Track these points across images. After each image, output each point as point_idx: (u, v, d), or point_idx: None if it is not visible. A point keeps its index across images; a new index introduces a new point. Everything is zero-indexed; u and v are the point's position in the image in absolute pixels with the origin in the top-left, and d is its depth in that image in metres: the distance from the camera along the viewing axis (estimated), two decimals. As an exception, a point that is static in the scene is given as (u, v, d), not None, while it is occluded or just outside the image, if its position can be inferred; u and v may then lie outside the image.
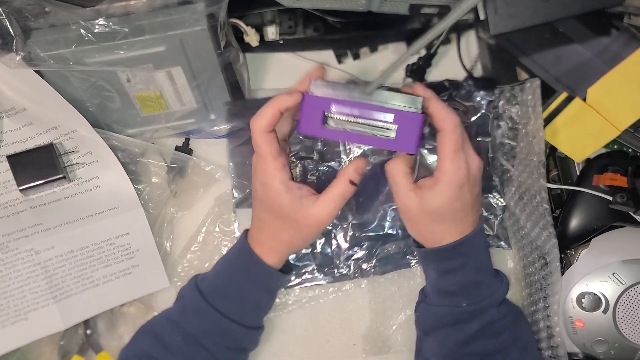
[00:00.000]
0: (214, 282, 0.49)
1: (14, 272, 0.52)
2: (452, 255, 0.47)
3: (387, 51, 0.61)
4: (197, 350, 0.46)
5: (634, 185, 0.51)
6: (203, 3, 0.47)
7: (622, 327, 0.48)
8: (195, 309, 0.47)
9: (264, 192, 0.46)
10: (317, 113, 0.44)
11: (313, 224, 0.46)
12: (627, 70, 0.49)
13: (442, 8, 0.47)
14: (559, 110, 0.52)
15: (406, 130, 0.43)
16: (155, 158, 0.57)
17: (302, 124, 0.45)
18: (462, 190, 0.44)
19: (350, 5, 0.47)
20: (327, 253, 0.56)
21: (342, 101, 0.44)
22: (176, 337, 0.47)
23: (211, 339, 0.47)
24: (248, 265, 0.48)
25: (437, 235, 0.47)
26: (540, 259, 0.50)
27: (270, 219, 0.47)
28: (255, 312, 0.50)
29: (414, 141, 0.43)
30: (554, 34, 0.50)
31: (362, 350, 0.56)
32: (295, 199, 0.45)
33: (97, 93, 0.52)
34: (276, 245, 0.48)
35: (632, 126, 0.51)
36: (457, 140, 0.44)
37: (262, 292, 0.49)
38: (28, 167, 0.52)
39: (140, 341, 0.48)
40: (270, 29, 0.57)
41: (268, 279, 0.49)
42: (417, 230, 0.48)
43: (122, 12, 0.47)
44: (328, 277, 0.56)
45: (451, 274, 0.47)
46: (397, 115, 0.43)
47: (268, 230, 0.47)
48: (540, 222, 0.50)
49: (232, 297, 0.48)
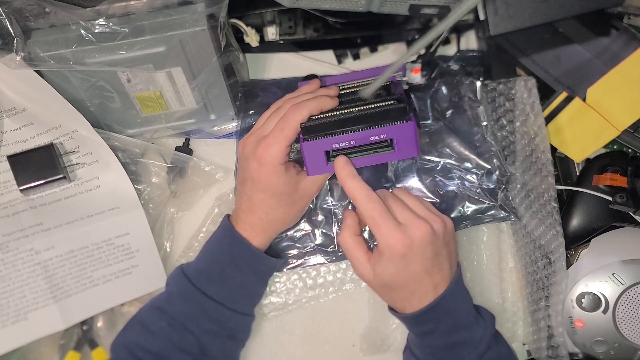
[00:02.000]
0: (199, 265, 0.49)
1: (14, 272, 0.52)
2: (418, 322, 0.46)
3: (387, 51, 0.61)
4: (182, 334, 0.46)
5: (633, 186, 0.51)
6: (203, 3, 0.47)
7: (622, 327, 0.48)
8: (180, 292, 0.48)
9: (261, 172, 0.46)
10: (319, 154, 0.46)
11: (304, 198, 0.49)
12: (627, 71, 0.49)
13: (442, 8, 0.47)
14: (558, 111, 0.52)
15: (403, 139, 0.45)
16: (156, 158, 0.57)
17: (310, 168, 0.47)
18: (405, 260, 0.43)
19: (350, 6, 0.48)
20: (328, 233, 0.56)
21: (338, 137, 0.45)
22: (162, 323, 0.47)
23: (196, 322, 0.47)
24: (232, 248, 0.48)
25: (398, 304, 0.46)
26: (543, 258, 0.50)
27: (264, 198, 0.47)
28: (242, 295, 0.49)
29: (414, 146, 0.46)
30: (553, 35, 0.50)
31: (361, 349, 0.56)
32: (292, 176, 0.47)
33: (98, 93, 0.52)
34: (268, 224, 0.48)
35: (632, 126, 0.51)
36: (373, 215, 0.43)
37: (248, 275, 0.49)
38: (28, 167, 0.52)
39: (128, 331, 0.48)
40: (270, 30, 0.57)
41: (254, 261, 0.49)
42: (382, 297, 0.48)
43: (122, 13, 0.47)
44: (329, 257, 0.56)
45: (425, 336, 0.46)
46: (390, 130, 0.45)
47: (260, 211, 0.48)
48: (548, 221, 0.50)
49: (216, 278, 0.48)
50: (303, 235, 0.56)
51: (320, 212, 0.56)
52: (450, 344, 0.45)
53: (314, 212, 0.56)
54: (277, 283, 0.57)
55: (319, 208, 0.56)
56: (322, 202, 0.56)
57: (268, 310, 0.56)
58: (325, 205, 0.56)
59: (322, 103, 0.46)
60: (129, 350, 0.46)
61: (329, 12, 0.53)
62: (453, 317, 0.45)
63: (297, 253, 0.56)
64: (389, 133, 0.45)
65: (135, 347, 0.46)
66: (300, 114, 0.46)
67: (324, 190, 0.56)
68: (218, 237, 0.50)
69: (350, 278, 0.57)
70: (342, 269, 0.57)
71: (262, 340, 0.56)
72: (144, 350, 0.46)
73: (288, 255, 0.56)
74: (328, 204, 0.56)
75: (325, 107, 0.47)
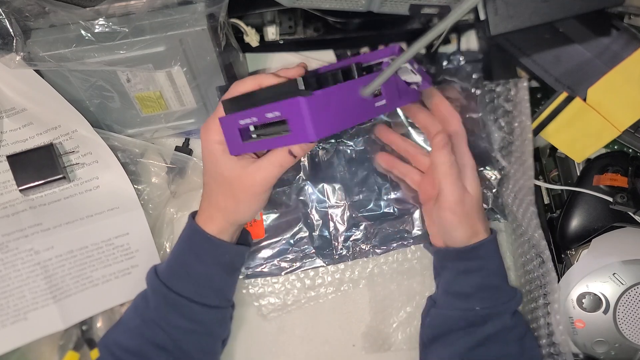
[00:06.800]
0: (167, 261, 0.49)
1: (14, 272, 0.52)
2: (471, 256, 0.47)
3: (387, 51, 0.61)
4: (154, 331, 0.46)
5: (634, 186, 0.51)
6: (203, 3, 0.47)
7: (622, 327, 0.48)
8: (151, 289, 0.48)
9: (206, 155, 0.46)
10: (233, 131, 0.43)
11: (246, 188, 0.44)
12: (628, 71, 0.49)
13: (442, 8, 0.47)
14: (559, 110, 0.52)
15: (294, 119, 0.38)
16: (155, 158, 0.57)
17: (230, 147, 0.44)
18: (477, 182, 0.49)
19: (350, 6, 0.47)
20: (325, 235, 0.56)
21: (243, 112, 0.41)
22: (136, 320, 0.47)
23: (165, 319, 0.47)
24: (192, 239, 0.48)
25: (458, 235, 0.47)
26: (537, 257, 0.51)
27: (211, 184, 0.47)
28: (209, 288, 0.48)
29: (306, 127, 0.38)
30: (554, 34, 0.50)
31: (362, 348, 0.56)
32: (233, 161, 0.44)
33: (97, 93, 0.52)
34: (213, 211, 0.47)
35: (633, 126, 0.51)
36: None
37: (211, 267, 0.48)
38: (28, 167, 0.52)
39: (111, 330, 0.49)
40: (271, 29, 0.57)
41: (214, 250, 0.48)
42: (449, 226, 0.48)
43: (122, 12, 0.47)
44: (327, 259, 0.56)
45: (469, 274, 0.47)
46: (281, 106, 0.39)
47: (207, 197, 0.48)
48: (532, 223, 0.50)
49: (180, 272, 0.48)
50: (300, 239, 0.56)
51: (317, 215, 0.56)
52: (494, 287, 0.48)
53: (311, 216, 0.56)
54: (276, 284, 0.57)
55: (315, 211, 0.56)
56: (318, 205, 0.56)
57: (268, 311, 0.56)
58: (322, 208, 0.56)
59: (260, 79, 0.44)
60: (108, 349, 0.47)
61: (329, 11, 0.53)
62: (499, 261, 0.49)
63: (295, 257, 0.56)
64: (281, 110, 0.39)
65: (113, 345, 0.47)
66: (235, 90, 0.44)
67: (319, 193, 0.56)
68: (183, 232, 0.50)
69: (348, 278, 0.57)
70: (341, 269, 0.57)
71: (262, 340, 0.56)
72: (122, 348, 0.47)
73: (286, 259, 0.56)
74: (324, 206, 0.56)
75: (263, 82, 0.43)
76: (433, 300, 0.51)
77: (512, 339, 0.47)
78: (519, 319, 0.48)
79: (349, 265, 0.57)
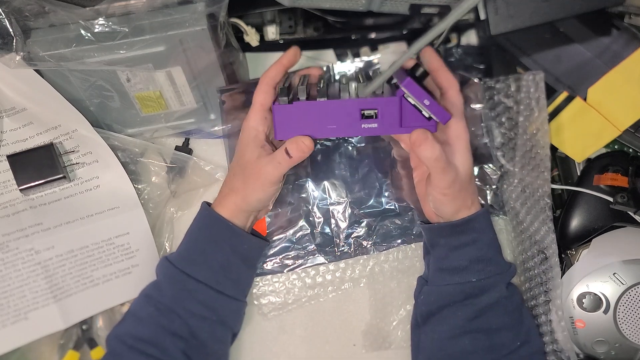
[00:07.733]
0: (181, 250, 0.50)
1: (14, 272, 0.52)
2: (465, 230, 0.47)
3: (387, 51, 0.61)
4: (171, 318, 0.47)
5: (634, 186, 0.51)
6: (203, 3, 0.47)
7: (622, 327, 0.48)
8: (166, 278, 0.48)
9: (240, 139, 0.49)
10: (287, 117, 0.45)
11: (254, 175, 0.48)
12: (628, 70, 0.49)
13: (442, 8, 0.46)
14: (559, 110, 0.52)
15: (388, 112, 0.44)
16: (155, 158, 0.57)
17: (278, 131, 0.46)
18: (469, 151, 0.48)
19: (350, 5, 0.47)
20: (327, 233, 0.56)
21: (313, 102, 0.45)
22: (150, 309, 0.47)
23: (182, 305, 0.47)
24: (210, 225, 0.49)
25: (448, 208, 0.47)
26: (539, 254, 0.51)
27: (235, 168, 0.49)
28: (226, 277, 0.49)
29: None
30: (554, 34, 0.50)
31: (362, 346, 0.56)
32: (257, 148, 0.48)
33: (97, 93, 0.52)
34: (226, 191, 0.50)
35: (633, 126, 0.51)
36: None
37: (229, 255, 0.49)
38: (28, 166, 0.52)
39: (120, 323, 0.49)
40: (271, 29, 0.57)
41: (233, 239, 0.49)
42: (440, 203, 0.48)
43: (122, 12, 0.47)
44: (329, 257, 0.56)
45: (463, 248, 0.47)
46: None
47: (227, 180, 0.50)
48: (541, 217, 0.50)
49: (198, 259, 0.49)
50: (302, 236, 0.56)
51: (318, 212, 0.56)
52: (488, 259, 0.48)
53: (312, 213, 0.56)
54: (276, 283, 0.57)
55: (317, 208, 0.56)
56: (319, 202, 0.56)
57: (268, 310, 0.56)
58: (323, 206, 0.56)
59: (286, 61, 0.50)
60: (120, 340, 0.47)
61: (329, 11, 0.53)
62: (492, 233, 0.49)
63: (297, 254, 0.56)
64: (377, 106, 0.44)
65: (125, 335, 0.47)
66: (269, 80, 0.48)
67: (321, 191, 0.56)
68: (197, 220, 0.51)
69: (349, 277, 0.57)
70: (341, 268, 0.57)
71: (263, 340, 0.56)
72: (135, 338, 0.46)
73: (288, 256, 0.56)
74: (325, 204, 0.56)
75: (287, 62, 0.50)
76: (424, 280, 0.51)
77: (510, 308, 0.47)
78: (514, 290, 0.49)
79: (349, 263, 0.57)
